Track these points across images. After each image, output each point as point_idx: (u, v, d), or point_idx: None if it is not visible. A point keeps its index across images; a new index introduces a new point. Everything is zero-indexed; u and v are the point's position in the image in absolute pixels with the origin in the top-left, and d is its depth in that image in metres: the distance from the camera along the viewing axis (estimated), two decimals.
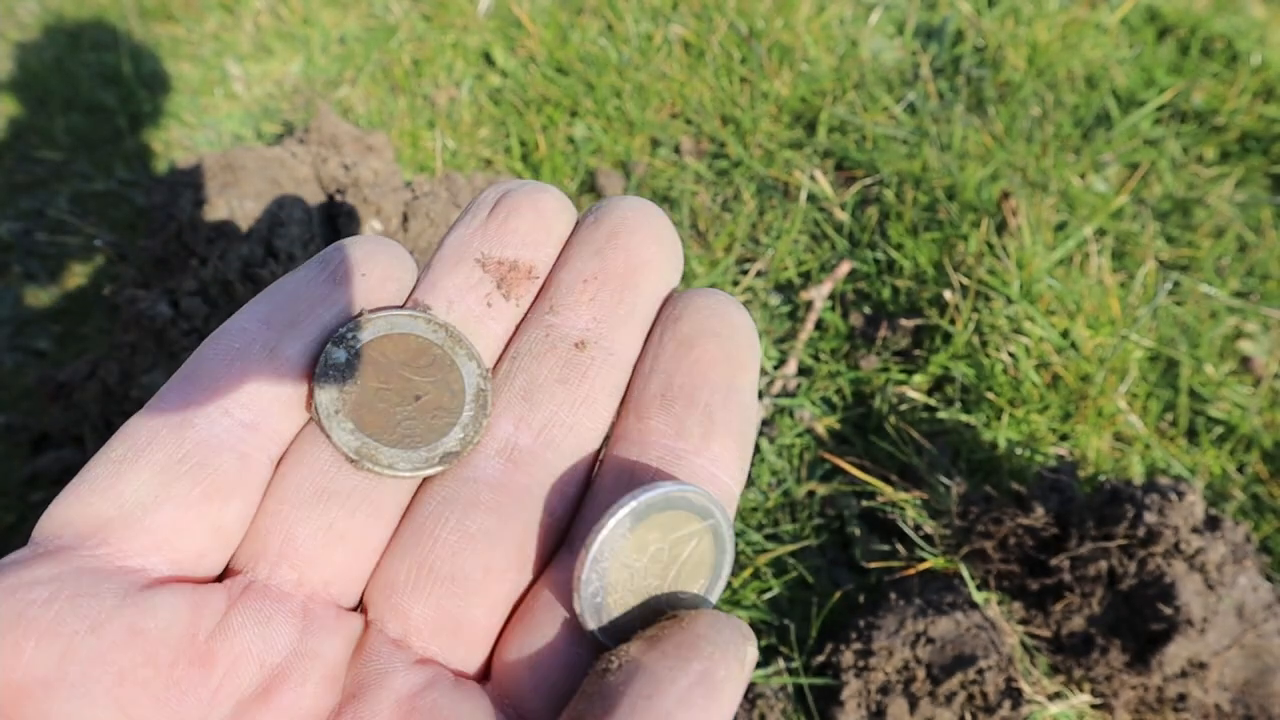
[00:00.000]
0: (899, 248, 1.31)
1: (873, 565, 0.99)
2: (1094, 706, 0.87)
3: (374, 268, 0.30)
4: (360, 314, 0.29)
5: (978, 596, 0.91)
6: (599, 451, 0.31)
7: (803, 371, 1.20)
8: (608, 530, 0.27)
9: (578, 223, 0.33)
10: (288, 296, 0.29)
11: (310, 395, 0.28)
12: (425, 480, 0.30)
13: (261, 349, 0.28)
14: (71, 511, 0.26)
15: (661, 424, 0.29)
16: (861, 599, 0.97)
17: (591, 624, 0.27)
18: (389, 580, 0.28)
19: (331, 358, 0.29)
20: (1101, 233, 1.33)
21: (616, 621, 0.28)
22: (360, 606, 0.29)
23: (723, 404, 0.29)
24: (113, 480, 0.26)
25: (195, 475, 0.26)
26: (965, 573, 0.93)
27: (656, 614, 0.28)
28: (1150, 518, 0.85)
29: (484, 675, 0.29)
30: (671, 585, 0.28)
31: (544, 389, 0.30)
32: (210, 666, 0.25)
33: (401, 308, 0.30)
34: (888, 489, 1.02)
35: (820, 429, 1.13)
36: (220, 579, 0.27)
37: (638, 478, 0.29)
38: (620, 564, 0.27)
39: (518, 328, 0.32)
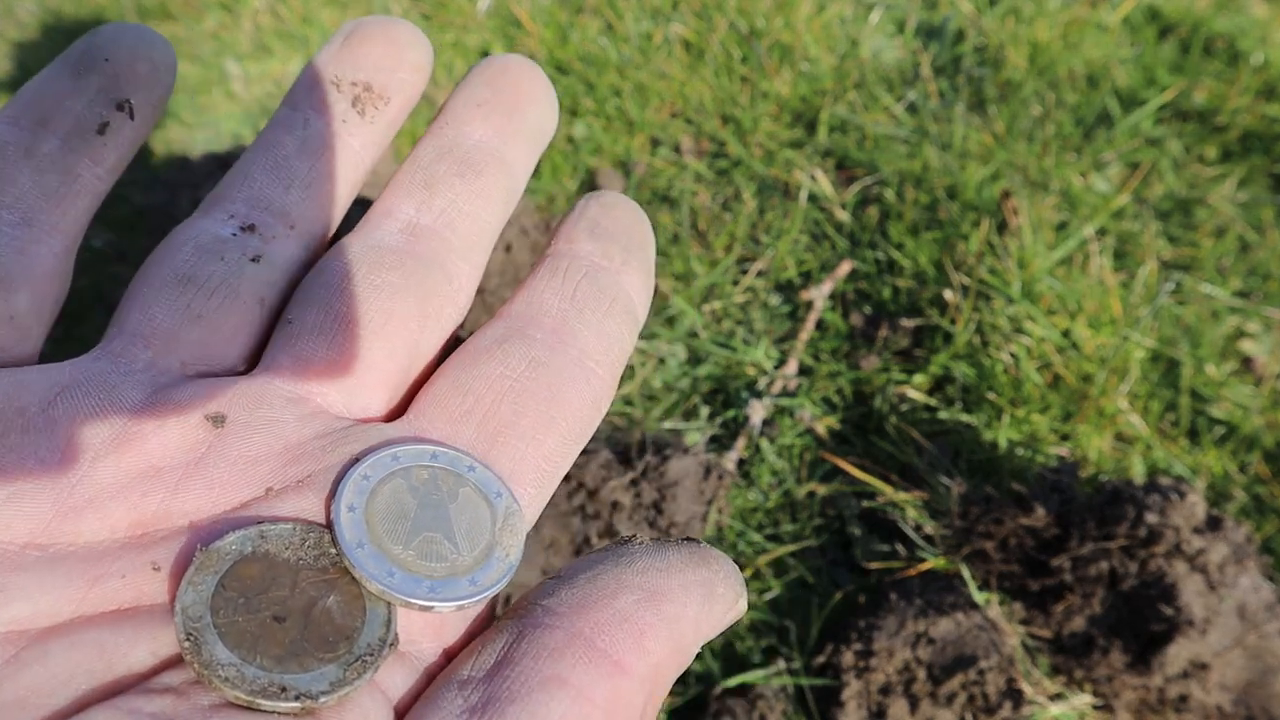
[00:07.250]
0: (899, 247, 1.31)
1: (873, 565, 0.99)
2: (1095, 707, 0.87)
3: (119, 50, 0.31)
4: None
5: (978, 597, 0.90)
6: (493, 242, 0.34)
7: (803, 371, 1.20)
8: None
9: (470, 70, 0.36)
10: (33, 96, 0.30)
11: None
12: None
13: (16, 150, 0.29)
14: None
15: (590, 247, 0.32)
16: (862, 599, 0.97)
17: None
18: (291, 332, 0.29)
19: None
20: (1103, 232, 1.32)
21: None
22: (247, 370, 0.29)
23: (638, 247, 0.33)
24: None
25: None
26: (966, 573, 0.92)
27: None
28: (1151, 518, 0.85)
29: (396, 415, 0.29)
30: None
31: (443, 181, 0.33)
32: (48, 431, 0.25)
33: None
34: (888, 489, 1.02)
35: (820, 429, 1.13)
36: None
37: (570, 276, 0.31)
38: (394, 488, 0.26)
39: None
